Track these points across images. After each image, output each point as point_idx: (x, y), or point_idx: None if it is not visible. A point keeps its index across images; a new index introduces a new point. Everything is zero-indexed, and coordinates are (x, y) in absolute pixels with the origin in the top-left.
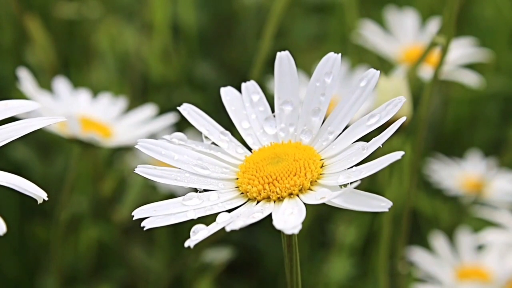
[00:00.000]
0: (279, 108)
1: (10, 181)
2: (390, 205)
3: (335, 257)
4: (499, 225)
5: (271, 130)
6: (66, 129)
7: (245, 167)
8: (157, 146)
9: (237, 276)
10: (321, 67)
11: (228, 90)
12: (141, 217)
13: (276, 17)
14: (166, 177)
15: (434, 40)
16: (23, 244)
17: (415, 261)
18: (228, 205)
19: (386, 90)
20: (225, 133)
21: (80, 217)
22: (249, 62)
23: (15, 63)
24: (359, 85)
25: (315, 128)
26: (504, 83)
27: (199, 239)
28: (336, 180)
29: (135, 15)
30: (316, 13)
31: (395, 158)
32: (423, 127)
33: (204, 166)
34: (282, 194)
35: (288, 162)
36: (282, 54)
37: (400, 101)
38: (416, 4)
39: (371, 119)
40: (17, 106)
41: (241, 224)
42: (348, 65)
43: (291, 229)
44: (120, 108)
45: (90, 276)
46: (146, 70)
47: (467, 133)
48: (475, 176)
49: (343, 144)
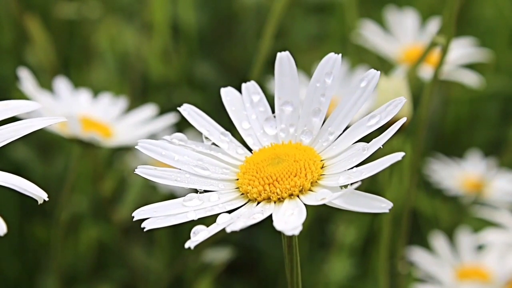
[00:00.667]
0: (280, 108)
1: (10, 181)
2: (390, 206)
3: (335, 257)
4: (499, 225)
5: (272, 130)
6: (66, 129)
7: (245, 168)
8: (157, 146)
9: (237, 276)
10: (322, 68)
11: (228, 91)
12: (141, 218)
13: (276, 17)
14: (166, 177)
15: (434, 40)
16: (23, 244)
17: (415, 261)
18: (228, 206)
19: (386, 90)
20: (225, 134)
21: (80, 217)
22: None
23: (15, 63)
24: (359, 86)
25: (315, 129)
26: (504, 83)
27: (199, 240)
28: (336, 181)
29: (135, 15)
30: (316, 13)
31: (396, 159)
32: (423, 127)
33: (204, 167)
34: (282, 195)
35: (288, 163)
36: (283, 55)
37: (401, 101)
38: (416, 4)
39: (371, 119)
40: (18, 106)
41: (241, 225)
42: (348, 65)
43: (292, 230)
44: (120, 108)
45: (90, 276)
46: (146, 70)
47: (467, 133)
48: (475, 176)
49: (343, 144)
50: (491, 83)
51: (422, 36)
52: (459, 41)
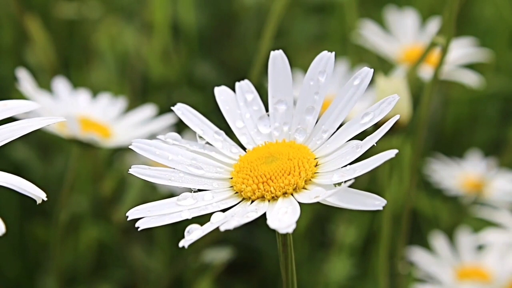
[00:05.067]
0: (273, 107)
1: (8, 181)
2: (384, 204)
3: (335, 257)
4: (499, 225)
5: (265, 129)
6: (65, 129)
7: (239, 167)
8: (151, 146)
9: (237, 276)
10: (315, 66)
11: (222, 90)
12: (136, 217)
13: (276, 17)
14: (160, 177)
15: (434, 40)
16: (23, 244)
17: (415, 261)
18: (222, 204)
19: (386, 90)
20: (219, 133)
21: (80, 217)
22: (249, 62)
23: (15, 63)
24: (352, 84)
25: (309, 127)
26: (504, 83)
27: (193, 239)
28: (330, 179)
29: (135, 15)
30: (316, 13)
31: (389, 156)
32: (423, 127)
33: (198, 166)
34: (276, 193)
35: (282, 161)
36: (276, 53)
37: (394, 99)
38: (416, 4)
39: (365, 117)
40: (16, 106)
41: (235, 223)
42: (348, 65)
43: (286, 228)
44: (119, 108)
45: (90, 276)
46: (146, 70)
47: (467, 133)
48: (475, 176)
49: (337, 142)
50: (491, 83)
51: (422, 36)
52: (459, 41)
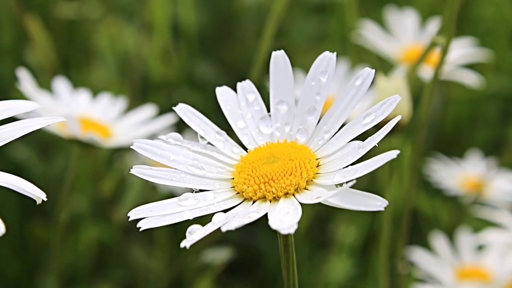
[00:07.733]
0: (275, 107)
1: (8, 182)
2: (386, 204)
3: (335, 257)
4: (499, 225)
5: (267, 129)
6: (65, 129)
7: (240, 167)
8: (152, 146)
9: (237, 276)
10: (316, 66)
11: (223, 90)
12: (138, 218)
13: (276, 17)
14: (162, 177)
15: (434, 40)
16: (23, 244)
17: (415, 261)
18: (224, 205)
19: (386, 90)
20: (220, 133)
21: (80, 217)
22: (249, 62)
23: (15, 63)
24: (354, 84)
25: (310, 128)
26: (504, 83)
27: (194, 240)
28: (332, 180)
29: (135, 15)
30: (316, 13)
31: (391, 157)
32: (423, 127)
33: (199, 166)
34: (278, 193)
35: (283, 161)
36: (277, 54)
37: (396, 99)
38: (416, 4)
39: (366, 118)
40: (16, 106)
41: (236, 224)
42: (348, 65)
43: (287, 228)
44: (120, 108)
45: (90, 276)
46: (146, 70)
47: (467, 133)
48: (475, 176)
49: (338, 143)
50: (491, 83)
51: (422, 36)
52: (459, 41)
